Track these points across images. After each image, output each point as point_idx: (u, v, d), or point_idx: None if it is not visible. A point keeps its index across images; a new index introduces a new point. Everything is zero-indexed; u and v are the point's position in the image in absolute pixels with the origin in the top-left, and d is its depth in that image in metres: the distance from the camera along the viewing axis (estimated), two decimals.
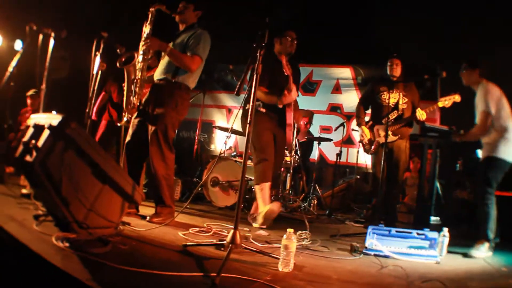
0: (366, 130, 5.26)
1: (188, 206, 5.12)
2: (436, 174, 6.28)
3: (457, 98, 4.65)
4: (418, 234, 3.61)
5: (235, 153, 6.67)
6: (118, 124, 4.34)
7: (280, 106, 4.31)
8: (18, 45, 6.53)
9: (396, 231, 3.65)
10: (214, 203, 5.69)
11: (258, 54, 2.89)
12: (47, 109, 4.35)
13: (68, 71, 6.96)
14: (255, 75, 2.86)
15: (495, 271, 3.33)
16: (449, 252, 3.67)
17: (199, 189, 5.48)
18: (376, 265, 3.06)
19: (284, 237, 2.56)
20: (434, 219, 6.86)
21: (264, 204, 4.25)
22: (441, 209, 6.95)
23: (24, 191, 3.89)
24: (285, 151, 5.36)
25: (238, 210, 2.71)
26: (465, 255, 3.80)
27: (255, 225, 4.21)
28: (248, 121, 2.80)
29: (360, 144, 5.48)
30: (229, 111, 9.30)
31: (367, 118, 5.43)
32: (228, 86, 9.26)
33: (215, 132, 8.86)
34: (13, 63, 4.52)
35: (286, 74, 4.25)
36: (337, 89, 8.73)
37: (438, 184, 7.17)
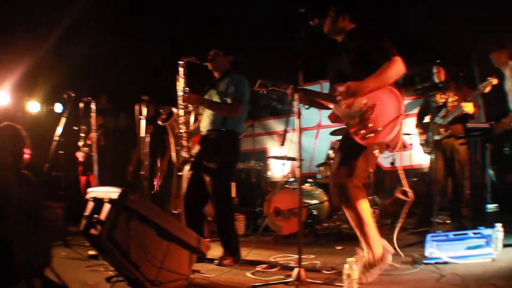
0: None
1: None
2: (487, 162, 6.11)
3: (494, 81, 4.52)
4: (474, 234, 3.66)
5: (293, 178, 6.76)
6: None
7: None
8: (59, 108, 6.59)
9: (454, 235, 3.69)
10: (279, 232, 5.80)
11: None
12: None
13: (114, 122, 7.12)
14: None
15: None
16: (505, 245, 3.61)
17: (261, 221, 5.61)
18: (435, 275, 3.09)
19: (345, 266, 2.66)
20: (491, 206, 6.66)
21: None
22: (497, 196, 6.73)
23: (91, 252, 4.09)
24: None
25: (300, 249, 2.83)
26: None
27: None
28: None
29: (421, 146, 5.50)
30: (280, 135, 9.45)
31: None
32: (275, 111, 9.41)
33: (269, 159, 9.02)
34: (58, 131, 4.86)
35: None
36: None
37: (491, 171, 6.97)
